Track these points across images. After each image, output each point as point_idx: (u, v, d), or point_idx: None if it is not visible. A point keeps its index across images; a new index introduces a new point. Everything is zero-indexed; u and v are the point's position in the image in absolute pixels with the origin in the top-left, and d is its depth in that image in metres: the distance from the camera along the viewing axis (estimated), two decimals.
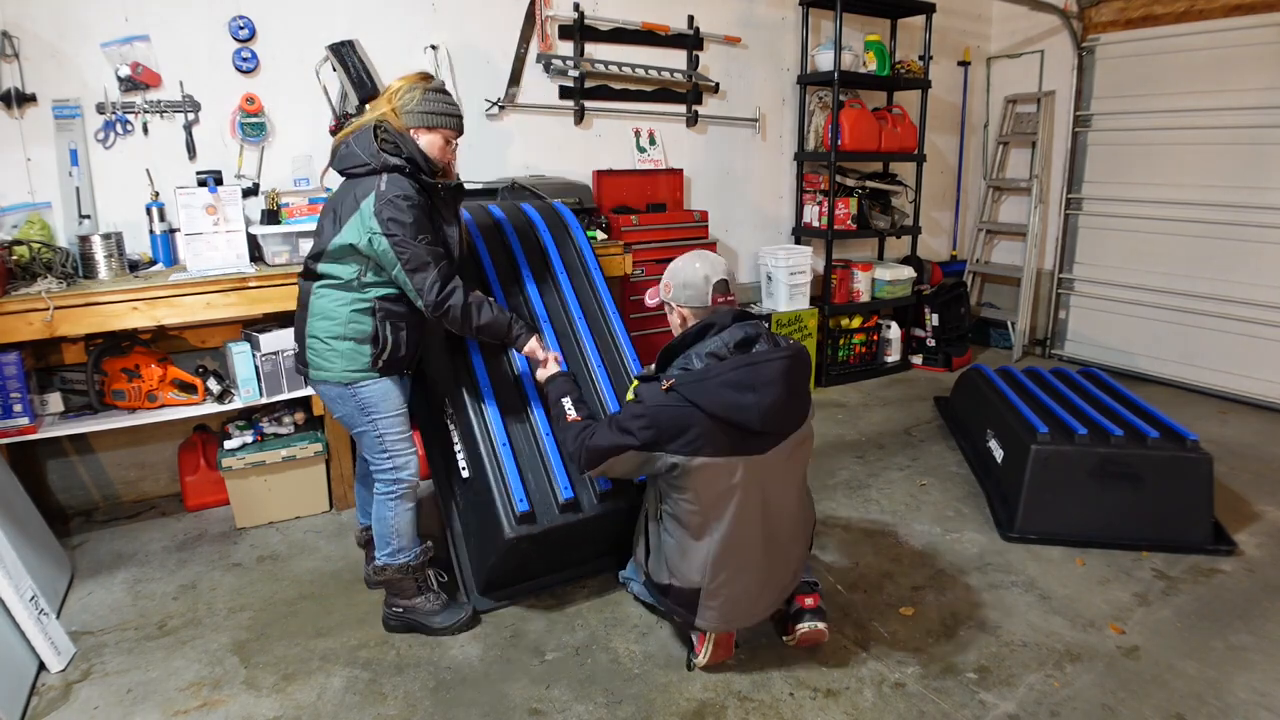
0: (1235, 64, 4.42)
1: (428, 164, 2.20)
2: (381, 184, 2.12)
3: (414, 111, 2.19)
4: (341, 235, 2.15)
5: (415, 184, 2.16)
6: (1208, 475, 2.82)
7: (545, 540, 2.31)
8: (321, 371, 2.24)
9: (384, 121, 2.18)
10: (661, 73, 4.30)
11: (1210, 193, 4.57)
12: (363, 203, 2.12)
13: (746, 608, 2.11)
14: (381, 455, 2.31)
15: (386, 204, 2.09)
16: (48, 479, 3.19)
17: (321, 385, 2.28)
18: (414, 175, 2.17)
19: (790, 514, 2.15)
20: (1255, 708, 2.06)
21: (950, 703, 2.08)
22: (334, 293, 2.20)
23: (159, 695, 2.14)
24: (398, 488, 2.32)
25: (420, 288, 2.14)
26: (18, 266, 2.73)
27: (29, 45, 2.91)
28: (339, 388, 2.24)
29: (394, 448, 2.32)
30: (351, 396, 2.25)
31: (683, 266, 2.22)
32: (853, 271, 4.95)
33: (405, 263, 2.12)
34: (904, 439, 3.97)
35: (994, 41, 5.75)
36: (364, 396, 2.25)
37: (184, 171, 3.18)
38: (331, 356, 2.22)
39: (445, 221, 2.28)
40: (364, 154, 2.15)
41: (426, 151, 2.20)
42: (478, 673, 2.21)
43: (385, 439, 2.30)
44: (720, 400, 1.93)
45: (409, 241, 2.10)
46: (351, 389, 2.24)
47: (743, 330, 2.05)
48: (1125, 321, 5.09)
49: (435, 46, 3.68)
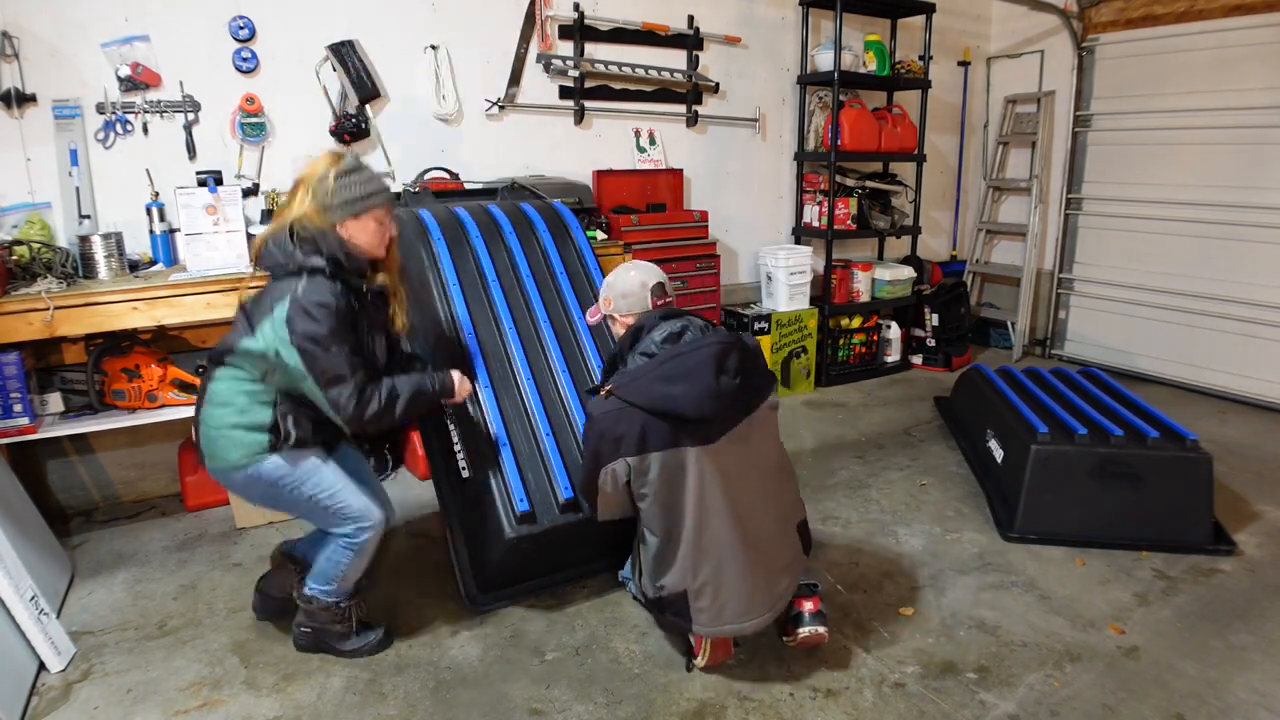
0: (1235, 64, 4.42)
1: (352, 262, 2.02)
2: (298, 288, 1.93)
3: (334, 205, 1.98)
4: (251, 340, 1.99)
5: (339, 285, 1.98)
6: (1208, 475, 2.82)
7: (545, 540, 2.31)
8: (216, 460, 2.05)
9: (303, 220, 1.97)
10: (661, 73, 4.30)
11: (1210, 193, 4.57)
12: (276, 308, 1.94)
13: (739, 606, 2.07)
14: (336, 520, 2.10)
15: (300, 312, 1.91)
16: (48, 479, 3.19)
17: (221, 475, 2.08)
18: (337, 276, 1.98)
19: (764, 505, 2.12)
20: (1255, 708, 2.06)
21: (950, 703, 2.08)
22: (233, 382, 2.04)
23: (159, 695, 2.14)
24: (362, 535, 2.11)
25: (335, 402, 1.96)
26: (18, 266, 2.73)
27: (29, 45, 2.91)
28: (240, 472, 2.04)
29: (343, 506, 2.08)
30: (258, 479, 2.04)
31: (618, 277, 2.28)
32: (853, 271, 4.95)
33: (318, 376, 1.94)
34: (904, 439, 3.97)
35: (994, 41, 5.75)
36: (269, 472, 2.03)
37: (184, 171, 3.19)
38: (225, 445, 2.02)
39: (372, 326, 2.11)
40: (280, 254, 1.97)
41: (358, 242, 2.02)
42: (478, 673, 2.21)
43: (324, 501, 2.07)
44: (652, 394, 1.96)
45: (322, 354, 1.92)
46: (253, 470, 2.03)
47: (670, 326, 2.10)
48: (1125, 321, 5.09)
49: (435, 46, 3.69)
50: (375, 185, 2.05)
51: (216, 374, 2.08)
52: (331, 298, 1.95)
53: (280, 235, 1.99)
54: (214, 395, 2.06)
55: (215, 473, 2.11)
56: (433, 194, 3.15)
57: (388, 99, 3.62)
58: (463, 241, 2.74)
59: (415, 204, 2.96)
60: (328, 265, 1.97)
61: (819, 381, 4.86)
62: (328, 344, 1.93)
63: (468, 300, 2.61)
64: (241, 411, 2.03)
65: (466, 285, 2.64)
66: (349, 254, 2.02)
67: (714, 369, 1.97)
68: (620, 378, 2.05)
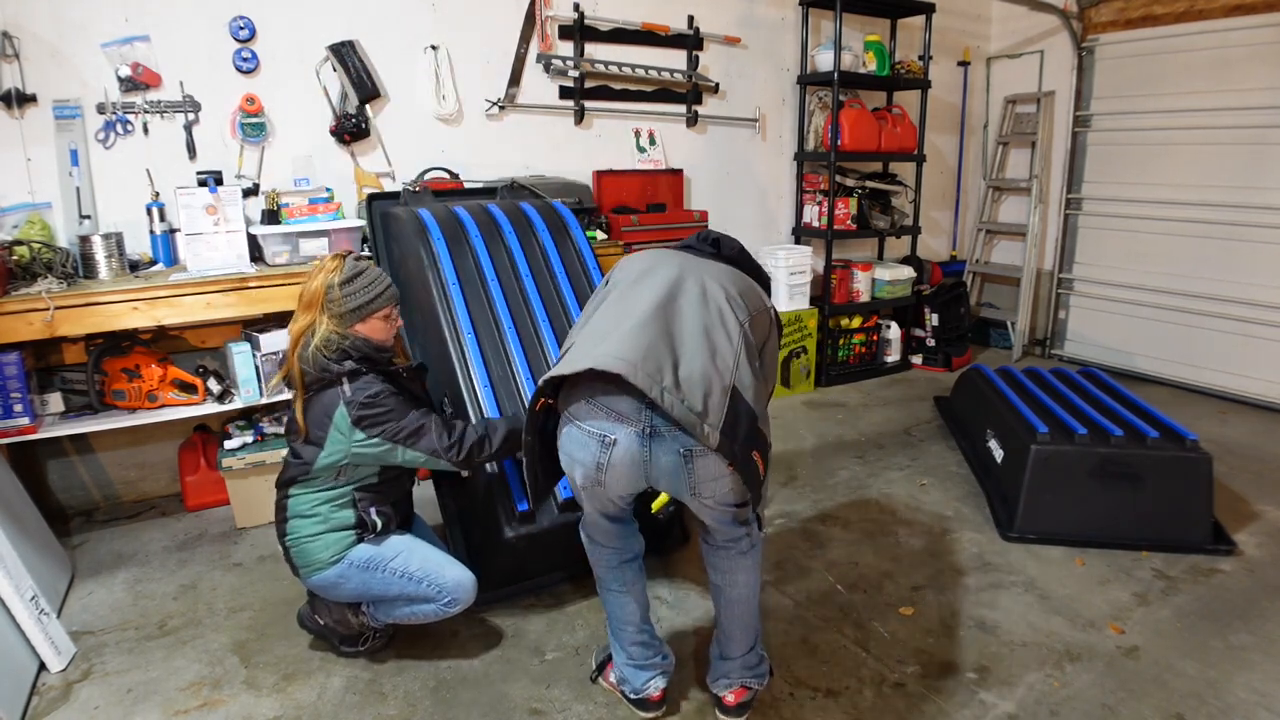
0: (1235, 64, 4.42)
1: (379, 353, 2.14)
2: (346, 392, 2.04)
3: (345, 312, 2.09)
4: (324, 455, 2.07)
5: (378, 375, 2.10)
6: (1207, 475, 2.82)
7: (544, 540, 2.31)
8: (309, 565, 2.13)
9: (325, 334, 2.07)
10: (661, 73, 4.30)
11: (1210, 193, 4.57)
12: (335, 417, 2.04)
13: (616, 347, 1.67)
14: (432, 592, 2.13)
15: (360, 409, 2.02)
16: (48, 479, 3.20)
17: (317, 576, 2.14)
18: (373, 369, 2.11)
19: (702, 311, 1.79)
20: (1255, 708, 2.06)
21: (950, 703, 2.08)
22: (309, 495, 2.13)
23: (159, 695, 2.14)
24: (455, 607, 2.15)
25: (433, 450, 2.08)
26: (18, 266, 2.73)
27: (29, 45, 2.91)
28: (334, 568, 2.12)
29: (437, 578, 2.13)
30: (350, 566, 2.12)
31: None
32: (853, 271, 4.95)
33: (404, 440, 2.06)
34: (904, 439, 3.98)
35: (994, 41, 5.75)
36: (360, 557, 2.13)
37: (184, 171, 3.19)
38: (315, 548, 2.12)
39: (417, 402, 2.21)
40: (316, 370, 2.06)
41: (371, 339, 2.13)
42: (478, 672, 2.21)
43: (417, 574, 2.13)
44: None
45: (394, 425, 2.04)
46: (346, 560, 2.12)
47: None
48: (1125, 321, 5.09)
49: (435, 46, 3.69)
50: (377, 289, 2.14)
51: (290, 492, 2.16)
52: (379, 385, 2.08)
53: (308, 356, 2.07)
54: (294, 510, 2.15)
55: (310, 579, 2.17)
56: (432, 194, 3.15)
57: (388, 99, 3.62)
58: (462, 241, 2.74)
59: (415, 204, 2.96)
60: (362, 365, 2.08)
61: (819, 381, 4.86)
62: (398, 416, 2.06)
63: (467, 300, 2.61)
64: (325, 520, 2.13)
65: (466, 285, 2.64)
66: (377, 348, 2.14)
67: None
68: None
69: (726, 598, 1.96)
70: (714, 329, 1.75)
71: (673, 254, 1.95)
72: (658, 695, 2.01)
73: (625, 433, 1.70)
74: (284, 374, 2.15)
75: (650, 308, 1.74)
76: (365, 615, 2.22)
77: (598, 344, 1.70)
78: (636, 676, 2.01)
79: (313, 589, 2.21)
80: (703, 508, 1.81)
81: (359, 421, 2.03)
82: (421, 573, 2.14)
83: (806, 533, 3.00)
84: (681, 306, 1.77)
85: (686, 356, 1.69)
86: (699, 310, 1.77)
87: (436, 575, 2.14)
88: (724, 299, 1.81)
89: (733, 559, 1.94)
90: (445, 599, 2.14)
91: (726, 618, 1.98)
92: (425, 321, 2.65)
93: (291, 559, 2.18)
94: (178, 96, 3.18)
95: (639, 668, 2.01)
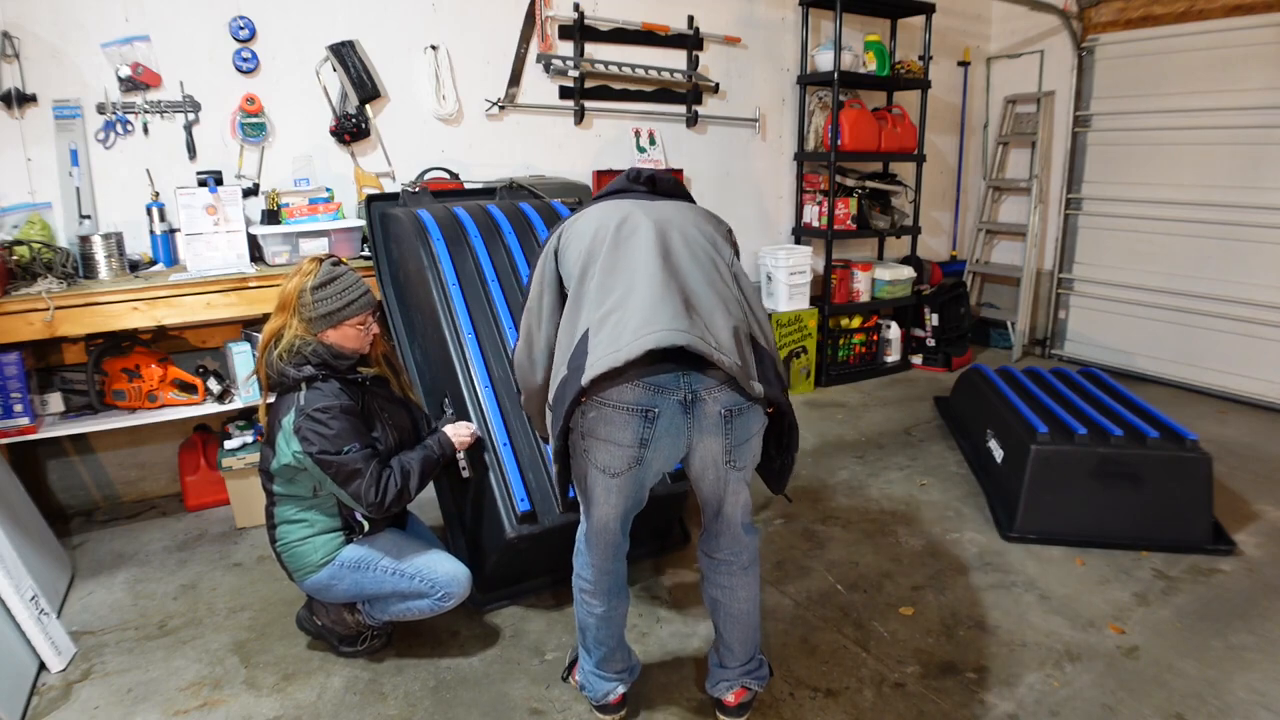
0: (1235, 64, 4.42)
1: (341, 361, 2.10)
2: (300, 398, 2.04)
3: (315, 317, 2.06)
4: (277, 460, 2.08)
5: (335, 384, 2.07)
6: (1207, 475, 2.82)
7: (546, 540, 2.31)
8: (300, 569, 2.15)
9: (291, 338, 2.06)
10: (661, 73, 4.30)
11: (1210, 193, 4.57)
12: (284, 420, 2.04)
13: (642, 319, 1.61)
14: (425, 588, 2.13)
15: (306, 420, 2.00)
16: (48, 479, 3.20)
17: (309, 578, 2.15)
18: (334, 377, 2.08)
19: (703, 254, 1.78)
20: (1255, 707, 2.06)
21: (950, 703, 2.08)
22: (294, 503, 2.14)
23: (159, 695, 2.14)
24: (449, 601, 2.16)
25: (356, 495, 2.04)
26: (18, 266, 2.73)
27: (29, 45, 2.91)
28: (325, 568, 2.14)
29: (429, 573, 2.13)
30: (342, 566, 2.13)
31: None
32: (853, 271, 4.95)
33: (334, 477, 2.03)
34: (904, 439, 3.98)
35: (994, 41, 5.75)
36: (351, 557, 2.14)
37: (184, 172, 3.19)
38: (305, 551, 2.13)
39: (379, 411, 2.19)
40: (276, 375, 2.07)
41: (343, 346, 2.10)
42: (478, 672, 2.21)
43: (409, 571, 2.13)
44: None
45: (334, 457, 2.00)
46: (336, 560, 2.14)
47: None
48: (1125, 321, 5.09)
49: (435, 46, 3.69)
50: (350, 295, 2.10)
51: (276, 498, 2.16)
52: (334, 399, 2.04)
53: (270, 359, 2.08)
54: (282, 517, 2.16)
55: (303, 583, 2.18)
56: (432, 194, 3.15)
57: (388, 99, 3.62)
58: (462, 241, 2.74)
59: (414, 204, 2.96)
60: (319, 371, 2.06)
61: (819, 382, 4.86)
62: (338, 446, 2.01)
63: (467, 300, 2.61)
64: (312, 524, 2.15)
65: (466, 285, 2.64)
66: (337, 355, 2.10)
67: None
68: None
69: (727, 612, 1.95)
70: (714, 279, 1.74)
71: (626, 205, 1.84)
72: (616, 700, 2.01)
73: (667, 403, 1.66)
74: (253, 373, 2.16)
75: (659, 272, 1.68)
76: (361, 614, 2.22)
77: (635, 322, 1.61)
78: (600, 685, 2.00)
79: (307, 592, 2.22)
80: (728, 482, 1.78)
81: (298, 430, 2.01)
82: (413, 569, 2.14)
83: (806, 533, 3.00)
84: (678, 265, 1.73)
85: (705, 312, 1.67)
86: (692, 264, 1.74)
87: (428, 570, 2.14)
88: (704, 242, 1.80)
89: (734, 574, 1.91)
90: (439, 594, 2.14)
91: (727, 631, 1.96)
92: (425, 322, 2.65)
93: (284, 564, 2.19)
94: (178, 96, 3.18)
95: (604, 679, 2.00)
